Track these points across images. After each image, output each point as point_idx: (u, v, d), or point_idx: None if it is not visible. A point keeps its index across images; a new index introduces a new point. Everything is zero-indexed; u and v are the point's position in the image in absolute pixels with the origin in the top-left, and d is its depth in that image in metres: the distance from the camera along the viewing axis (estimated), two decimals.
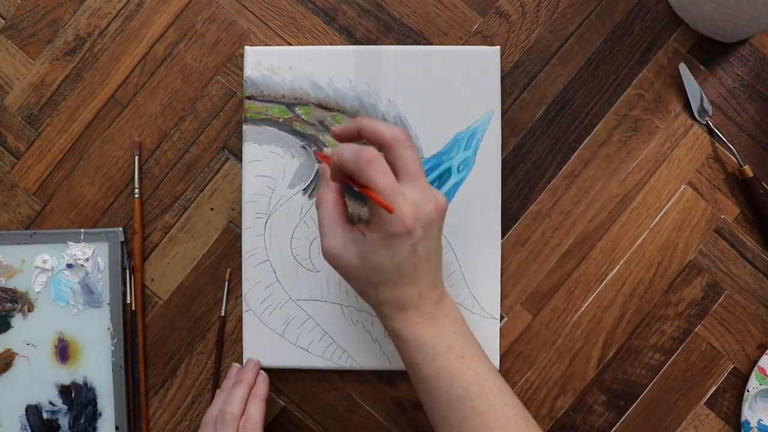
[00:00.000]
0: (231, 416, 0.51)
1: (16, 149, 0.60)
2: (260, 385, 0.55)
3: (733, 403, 0.58)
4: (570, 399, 0.58)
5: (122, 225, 0.59)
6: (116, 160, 0.60)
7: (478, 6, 0.60)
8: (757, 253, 0.59)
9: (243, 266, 0.58)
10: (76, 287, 0.59)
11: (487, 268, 0.58)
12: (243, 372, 0.55)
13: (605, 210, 0.59)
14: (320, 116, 0.58)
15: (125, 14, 0.60)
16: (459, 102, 0.58)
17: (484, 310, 0.57)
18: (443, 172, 0.58)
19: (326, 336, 0.57)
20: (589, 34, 0.59)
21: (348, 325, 0.58)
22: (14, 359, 0.59)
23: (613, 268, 0.59)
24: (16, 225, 0.60)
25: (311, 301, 0.58)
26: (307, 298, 0.58)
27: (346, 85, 0.58)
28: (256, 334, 0.57)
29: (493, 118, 0.58)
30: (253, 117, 0.58)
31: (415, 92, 0.57)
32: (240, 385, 0.54)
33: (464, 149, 0.58)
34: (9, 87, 0.60)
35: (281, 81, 0.58)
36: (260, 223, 0.58)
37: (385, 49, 0.58)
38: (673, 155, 0.59)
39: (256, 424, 0.52)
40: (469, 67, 0.58)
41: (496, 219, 0.58)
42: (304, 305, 0.58)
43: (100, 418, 0.59)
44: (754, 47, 0.60)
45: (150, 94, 0.60)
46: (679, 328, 0.59)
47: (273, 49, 0.58)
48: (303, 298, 0.58)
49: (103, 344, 0.58)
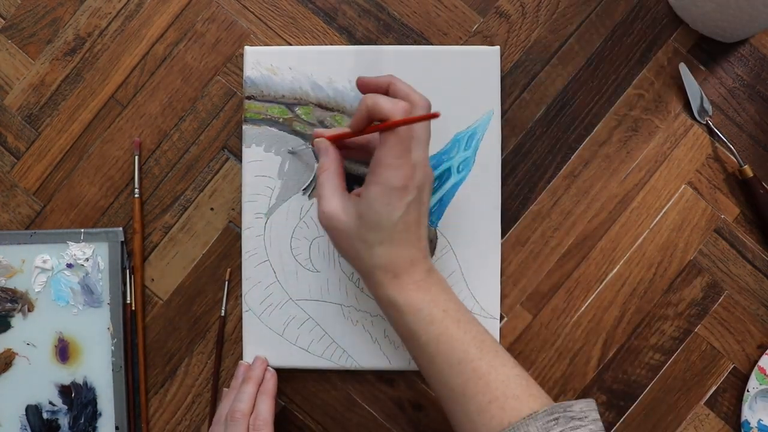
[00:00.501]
0: (241, 414, 0.52)
1: (16, 149, 0.60)
2: (269, 381, 0.55)
3: (733, 403, 0.58)
4: (570, 399, 0.58)
5: (122, 225, 0.59)
6: (116, 160, 0.60)
7: (478, 6, 0.60)
8: (757, 253, 0.59)
9: (243, 266, 0.58)
10: (76, 287, 0.59)
11: (487, 268, 0.58)
12: (251, 369, 0.55)
13: (605, 210, 0.59)
14: (320, 116, 0.58)
15: (125, 14, 0.60)
16: (459, 102, 0.57)
17: (484, 310, 0.57)
18: (443, 172, 0.58)
19: (326, 336, 0.57)
20: (589, 34, 0.59)
21: (348, 325, 0.58)
22: (14, 359, 0.59)
23: (613, 268, 0.59)
24: (16, 225, 0.60)
25: (311, 301, 0.58)
26: (307, 298, 0.58)
27: (346, 85, 0.58)
28: (256, 334, 0.57)
29: (493, 118, 0.58)
30: (253, 117, 0.58)
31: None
32: (249, 383, 0.54)
33: (464, 149, 0.58)
34: (9, 87, 0.60)
35: (281, 81, 0.58)
36: (260, 223, 0.58)
37: (385, 49, 0.58)
38: (673, 155, 0.59)
39: (266, 421, 0.52)
40: (469, 67, 0.58)
41: (496, 219, 0.58)
42: (304, 305, 0.58)
43: (100, 418, 0.59)
44: (754, 47, 0.60)
45: (150, 94, 0.60)
46: (679, 328, 0.59)
47: (273, 49, 0.58)
48: (303, 298, 0.58)
49: (103, 344, 0.58)
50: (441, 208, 0.57)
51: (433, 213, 0.57)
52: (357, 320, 0.58)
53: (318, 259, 0.58)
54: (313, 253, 0.58)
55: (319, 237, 0.58)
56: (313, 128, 0.57)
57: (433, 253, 0.57)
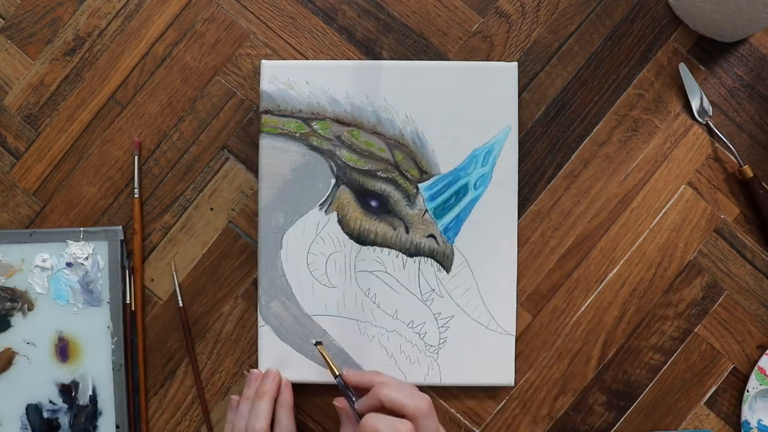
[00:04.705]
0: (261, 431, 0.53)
1: (15, 149, 0.60)
2: (285, 392, 0.56)
3: (733, 403, 0.58)
4: (570, 399, 0.58)
5: (122, 225, 0.59)
6: (116, 160, 0.60)
7: (478, 6, 0.59)
8: (757, 253, 0.59)
9: (259, 281, 0.58)
10: (75, 286, 0.59)
11: (503, 284, 0.57)
12: (264, 384, 0.55)
13: (605, 210, 0.59)
14: (337, 131, 0.58)
15: (125, 14, 0.60)
16: (476, 118, 0.57)
17: (500, 326, 0.57)
18: (460, 188, 0.57)
19: (342, 351, 0.57)
20: (589, 34, 0.59)
21: (364, 341, 0.57)
22: (14, 358, 0.59)
23: (613, 268, 0.59)
24: (15, 225, 0.60)
25: (327, 316, 0.58)
26: (323, 313, 0.58)
27: (363, 101, 0.58)
28: (272, 349, 0.57)
29: (510, 134, 0.57)
30: (269, 132, 0.58)
31: (433, 108, 0.57)
32: (264, 398, 0.54)
33: (481, 165, 0.57)
34: (8, 87, 0.60)
35: (298, 95, 0.58)
36: (277, 238, 0.58)
37: (403, 65, 0.58)
38: (673, 155, 0.59)
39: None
40: (486, 83, 0.57)
41: (513, 235, 0.57)
42: (320, 320, 0.58)
43: (100, 417, 0.59)
44: (754, 47, 0.59)
45: (149, 94, 0.60)
46: (679, 328, 0.59)
47: (290, 63, 0.58)
48: (319, 313, 0.58)
49: (103, 343, 0.58)
50: (458, 225, 0.57)
51: (450, 229, 0.57)
52: (373, 336, 0.57)
53: (334, 275, 0.58)
54: (329, 269, 0.58)
55: (335, 252, 0.58)
56: (330, 143, 0.57)
57: (450, 270, 0.57)
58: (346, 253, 0.57)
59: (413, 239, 0.57)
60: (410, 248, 0.57)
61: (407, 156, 0.58)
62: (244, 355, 0.59)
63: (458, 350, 0.57)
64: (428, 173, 0.58)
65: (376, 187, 0.57)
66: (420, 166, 0.58)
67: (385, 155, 0.58)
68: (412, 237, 0.57)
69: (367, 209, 0.58)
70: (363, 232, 0.58)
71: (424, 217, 0.58)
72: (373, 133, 0.58)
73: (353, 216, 0.58)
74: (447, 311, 0.57)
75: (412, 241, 0.57)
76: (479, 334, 0.57)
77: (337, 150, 0.58)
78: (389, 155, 0.58)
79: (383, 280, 0.57)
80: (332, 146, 0.58)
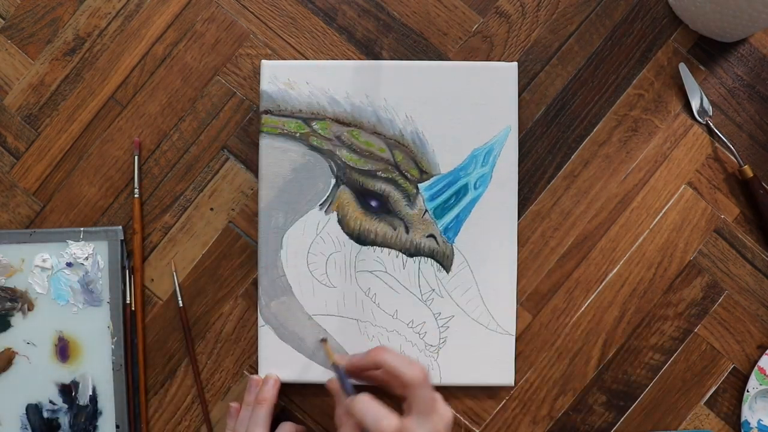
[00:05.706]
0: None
1: (15, 149, 0.60)
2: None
3: (733, 403, 0.58)
4: (570, 399, 0.58)
5: (122, 225, 0.59)
6: (116, 160, 0.60)
7: (478, 6, 0.59)
8: (757, 253, 0.59)
9: (259, 281, 0.58)
10: (75, 286, 0.59)
11: (503, 284, 0.57)
12: (262, 391, 0.56)
13: (605, 210, 0.59)
14: (337, 131, 0.58)
15: (125, 14, 0.60)
16: (476, 118, 0.57)
17: (500, 326, 0.57)
18: (460, 188, 0.57)
19: (342, 351, 0.57)
20: (589, 34, 0.59)
21: (364, 341, 0.57)
22: (14, 358, 0.59)
23: (613, 268, 0.59)
24: (15, 225, 0.60)
25: (328, 316, 0.58)
26: (323, 313, 0.58)
27: (363, 101, 0.58)
28: (272, 349, 0.57)
29: (511, 134, 0.57)
30: (269, 131, 0.58)
31: (433, 108, 0.57)
32: (263, 405, 0.55)
33: (481, 165, 0.57)
34: (8, 87, 0.60)
35: (298, 95, 0.58)
36: (277, 238, 0.58)
37: (403, 65, 0.58)
38: (673, 155, 0.59)
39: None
40: (486, 83, 0.57)
41: (513, 235, 0.57)
42: (320, 320, 0.58)
43: (100, 417, 0.59)
44: (754, 47, 0.59)
45: (149, 94, 0.60)
46: (679, 328, 0.59)
47: (290, 63, 0.58)
48: (319, 313, 0.58)
49: (103, 343, 0.59)
50: (458, 225, 0.57)
51: (450, 229, 0.57)
52: (373, 335, 0.58)
53: (334, 275, 0.58)
54: (329, 269, 0.58)
55: (335, 252, 0.58)
56: (330, 143, 0.57)
57: (450, 270, 0.57)
58: (346, 253, 0.57)
59: (413, 239, 0.57)
60: (410, 248, 0.57)
61: (407, 156, 0.58)
62: (244, 355, 0.59)
63: (458, 350, 0.57)
64: (428, 173, 0.58)
65: (376, 187, 0.57)
66: (420, 166, 0.58)
67: (385, 155, 0.58)
68: (412, 237, 0.57)
69: (367, 209, 0.58)
70: (363, 232, 0.58)
71: (424, 217, 0.58)
72: (373, 133, 0.58)
73: (353, 216, 0.58)
74: (447, 311, 0.57)
75: (412, 241, 0.57)
76: (479, 334, 0.57)
77: (337, 150, 0.58)
78: (389, 155, 0.58)
79: (383, 280, 0.57)
80: (332, 146, 0.58)
